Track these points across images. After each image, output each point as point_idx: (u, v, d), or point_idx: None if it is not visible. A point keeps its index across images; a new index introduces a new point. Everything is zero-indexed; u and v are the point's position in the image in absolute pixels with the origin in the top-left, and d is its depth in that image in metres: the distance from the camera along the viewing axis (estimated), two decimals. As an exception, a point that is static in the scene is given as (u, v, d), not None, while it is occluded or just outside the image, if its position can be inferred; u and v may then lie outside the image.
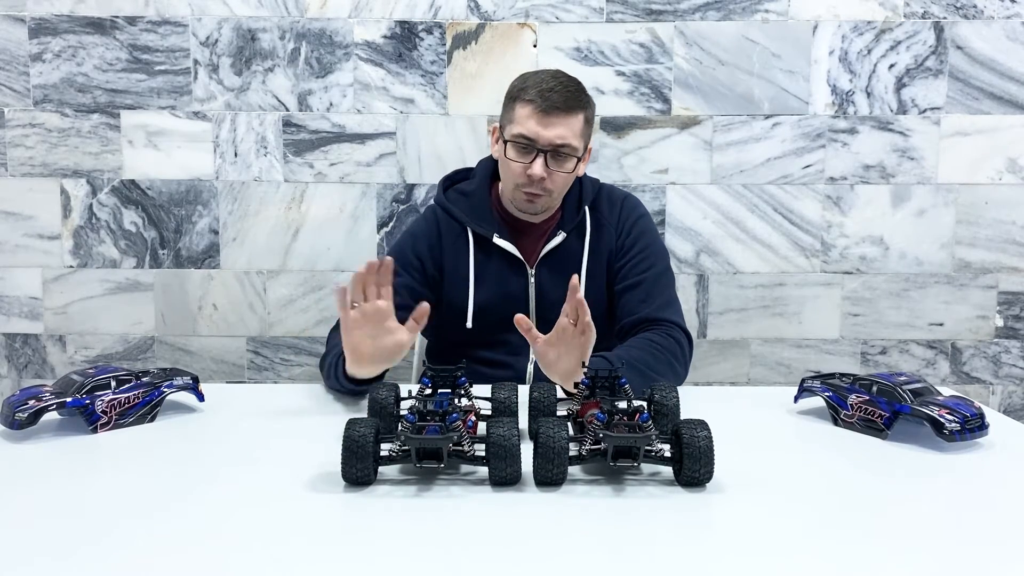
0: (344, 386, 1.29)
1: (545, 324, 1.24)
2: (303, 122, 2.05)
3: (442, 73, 2.04)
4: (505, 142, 1.48)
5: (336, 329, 1.44)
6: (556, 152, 1.45)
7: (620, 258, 1.57)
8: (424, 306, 1.18)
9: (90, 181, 2.07)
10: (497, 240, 1.54)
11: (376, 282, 1.17)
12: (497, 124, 1.55)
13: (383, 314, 1.18)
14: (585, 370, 1.06)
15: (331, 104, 2.05)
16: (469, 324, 1.53)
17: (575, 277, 1.17)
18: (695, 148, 2.06)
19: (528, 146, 1.45)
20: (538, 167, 1.44)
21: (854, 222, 2.07)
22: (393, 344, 1.20)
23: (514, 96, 1.48)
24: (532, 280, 1.55)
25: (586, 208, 1.57)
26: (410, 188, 2.07)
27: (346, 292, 1.15)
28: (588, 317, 1.14)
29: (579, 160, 1.50)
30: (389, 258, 1.18)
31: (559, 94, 1.44)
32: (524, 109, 1.45)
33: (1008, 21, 2.01)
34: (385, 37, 2.03)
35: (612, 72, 2.04)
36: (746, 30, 2.02)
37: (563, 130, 1.44)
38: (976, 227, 2.07)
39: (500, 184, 1.58)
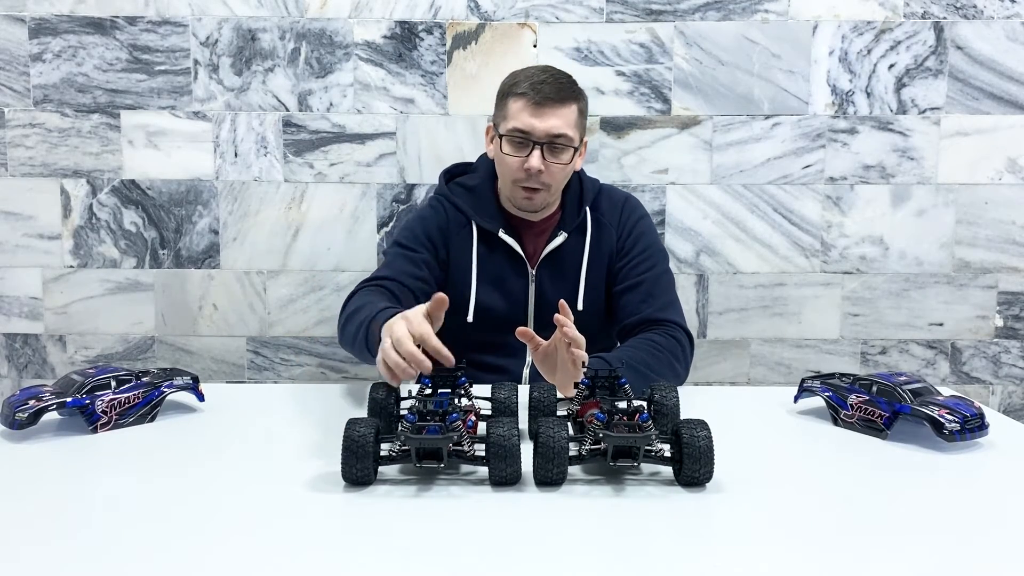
0: (368, 358, 1.25)
1: (544, 327, 1.24)
2: (303, 122, 2.05)
3: (442, 73, 2.04)
4: (500, 138, 1.48)
5: (356, 296, 1.41)
6: (552, 144, 1.45)
7: (620, 259, 1.56)
8: (440, 298, 1.11)
9: (90, 181, 2.07)
10: (502, 235, 1.53)
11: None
12: (491, 123, 1.55)
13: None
14: (585, 370, 1.06)
15: (331, 104, 2.05)
16: (470, 318, 1.52)
17: (563, 304, 1.14)
18: (695, 148, 2.05)
19: (524, 140, 1.45)
20: (535, 159, 1.44)
21: (854, 222, 2.07)
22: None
23: (506, 92, 1.49)
24: (533, 281, 1.55)
25: (587, 208, 1.57)
26: (410, 188, 2.07)
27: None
28: (580, 350, 1.11)
29: (575, 152, 1.49)
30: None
31: (551, 85, 1.45)
32: (517, 103, 1.46)
33: (1008, 21, 2.01)
34: (385, 37, 2.03)
35: (612, 72, 2.04)
36: (746, 30, 2.02)
37: (557, 121, 1.44)
38: (976, 227, 2.07)
39: (499, 182, 1.58)
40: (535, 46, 2.03)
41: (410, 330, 1.08)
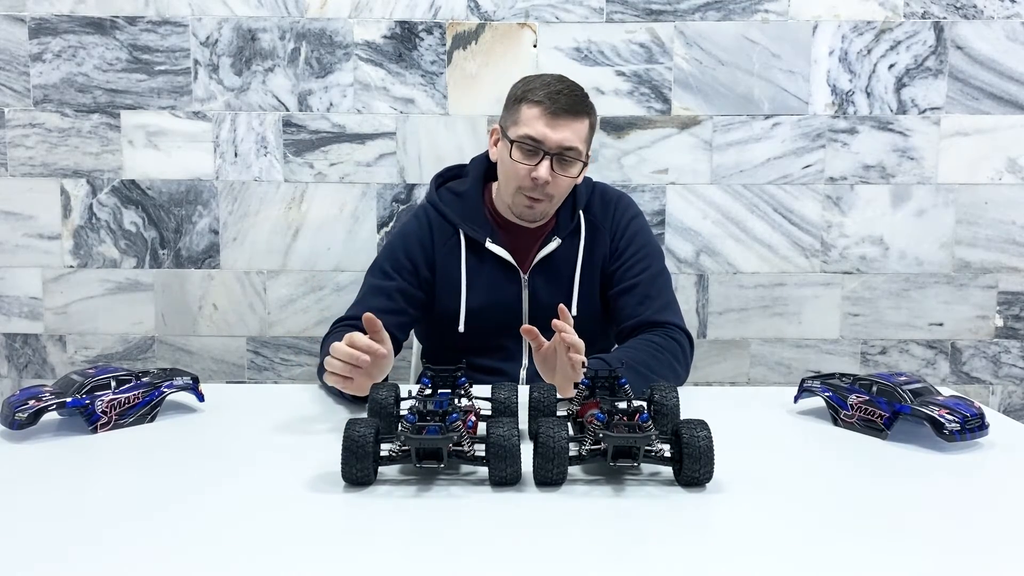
0: (345, 399, 1.29)
1: (540, 331, 1.24)
2: (303, 122, 2.05)
3: (442, 73, 2.04)
4: (511, 142, 1.45)
5: (330, 337, 1.43)
6: (562, 156, 1.43)
7: (615, 261, 1.54)
8: (369, 317, 1.18)
9: (90, 181, 2.07)
10: (490, 245, 1.52)
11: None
12: (497, 126, 1.53)
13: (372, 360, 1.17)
14: (585, 371, 1.06)
15: (331, 104, 2.05)
16: (461, 328, 1.51)
17: (563, 309, 1.16)
18: (695, 148, 2.06)
19: (534, 148, 1.43)
20: (543, 170, 1.42)
21: (854, 222, 2.07)
22: (383, 363, 1.21)
23: (519, 97, 1.46)
24: (526, 287, 1.53)
25: (580, 212, 1.55)
26: (410, 188, 2.07)
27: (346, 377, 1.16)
28: (579, 355, 1.13)
29: (583, 166, 1.48)
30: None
31: (567, 97, 1.43)
32: (532, 110, 1.43)
33: (1008, 21, 2.01)
34: (385, 37, 2.03)
35: (612, 72, 2.04)
36: (746, 30, 2.02)
37: (570, 133, 1.43)
38: (976, 227, 2.07)
39: (496, 186, 1.56)
40: (535, 46, 2.03)
41: (344, 341, 1.16)
